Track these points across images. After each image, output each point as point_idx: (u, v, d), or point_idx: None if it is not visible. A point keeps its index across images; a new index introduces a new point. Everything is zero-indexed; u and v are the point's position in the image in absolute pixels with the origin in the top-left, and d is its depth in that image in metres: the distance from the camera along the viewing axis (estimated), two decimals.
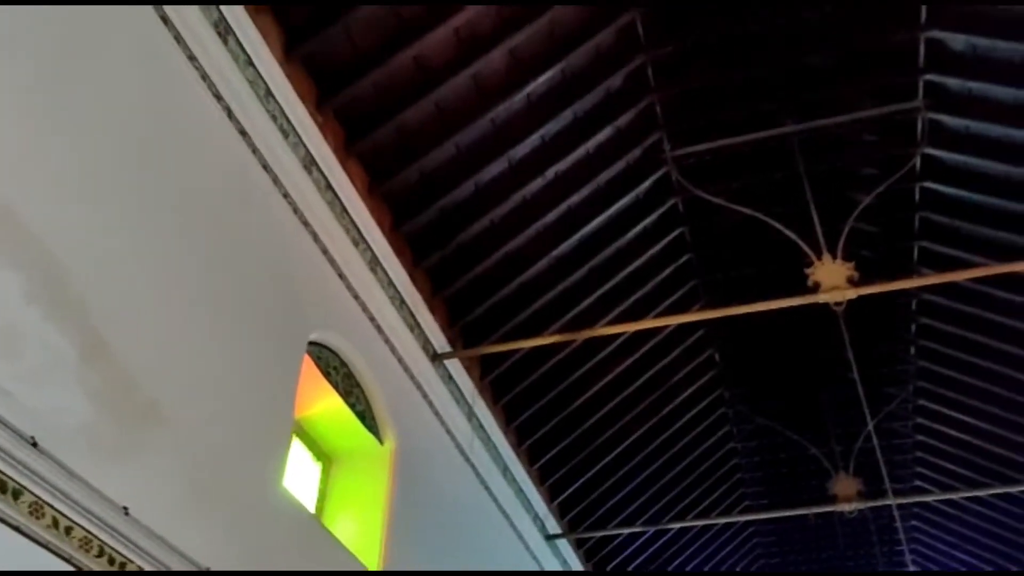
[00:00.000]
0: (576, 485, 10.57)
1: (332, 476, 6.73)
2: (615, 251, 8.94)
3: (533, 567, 9.99)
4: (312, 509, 6.41)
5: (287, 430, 5.45)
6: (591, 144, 7.92)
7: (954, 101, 7.63)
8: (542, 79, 7.10)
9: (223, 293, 4.99)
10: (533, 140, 7.51)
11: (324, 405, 6.40)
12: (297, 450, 6.41)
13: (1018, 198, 7.96)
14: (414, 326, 7.36)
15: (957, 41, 7.17)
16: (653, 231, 9.18)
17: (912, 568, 14.45)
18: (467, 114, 6.99)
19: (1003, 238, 8.37)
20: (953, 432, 11.37)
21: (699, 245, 9.57)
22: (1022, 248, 8.22)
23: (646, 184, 8.65)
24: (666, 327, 10.04)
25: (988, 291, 9.03)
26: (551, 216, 8.13)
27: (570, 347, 9.23)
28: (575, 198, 8.18)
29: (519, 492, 9.42)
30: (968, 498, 12.09)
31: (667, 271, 9.63)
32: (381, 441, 6.78)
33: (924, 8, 6.99)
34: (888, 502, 9.35)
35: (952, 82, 7.48)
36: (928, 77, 7.48)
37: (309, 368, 6.04)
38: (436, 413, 7.75)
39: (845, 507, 8.82)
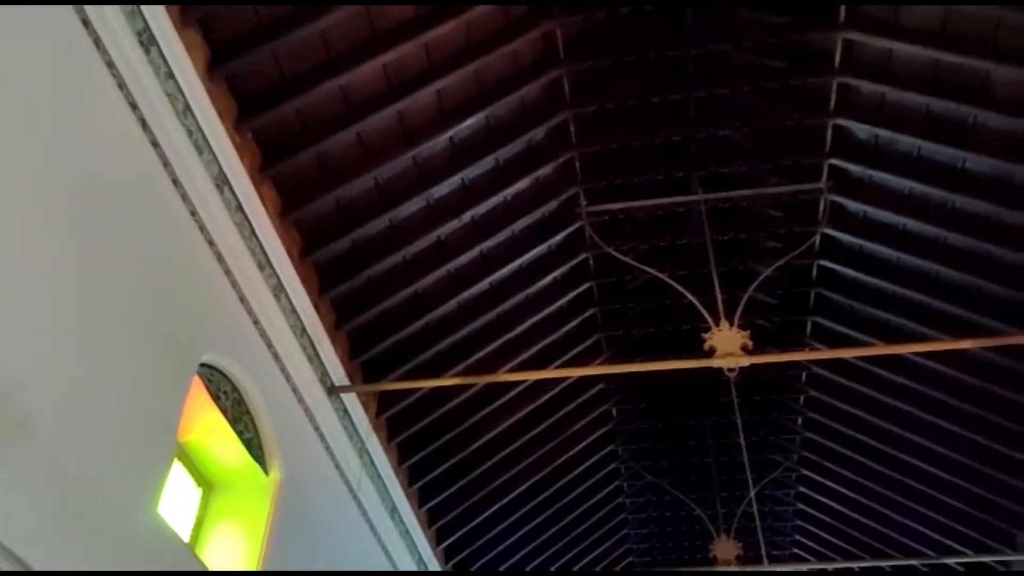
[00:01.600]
0: (464, 530, 10.48)
1: (212, 503, 6.51)
2: (524, 299, 9.02)
3: None
4: (187, 537, 6.18)
5: (168, 453, 5.26)
6: (510, 192, 8.01)
7: (855, 186, 8.03)
8: (467, 124, 7.19)
9: (113, 304, 4.82)
10: (453, 182, 7.56)
11: (210, 430, 6.20)
12: (178, 474, 6.19)
13: (907, 284, 8.38)
14: (313, 357, 7.25)
15: (862, 130, 7.58)
16: (562, 283, 9.30)
17: None
18: (389, 150, 7.00)
19: (891, 321, 8.79)
20: (832, 504, 11.74)
21: (605, 300, 9.74)
22: (908, 332, 8.64)
23: (559, 237, 8.78)
24: (567, 378, 10.14)
25: (874, 370, 9.43)
26: (464, 259, 8.17)
27: (471, 391, 9.22)
28: (489, 243, 8.24)
29: (405, 533, 9.29)
30: (840, 570, 12.46)
31: (572, 323, 9.75)
32: (267, 471, 6.61)
33: (833, 96, 7.37)
34: (764, 568, 9.58)
35: (854, 168, 7.88)
36: (833, 161, 7.87)
37: (198, 390, 5.87)
38: (327, 447, 7.61)
39: (724, 570, 8.99)
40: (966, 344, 7.46)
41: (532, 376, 9.31)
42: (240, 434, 6.31)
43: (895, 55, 6.87)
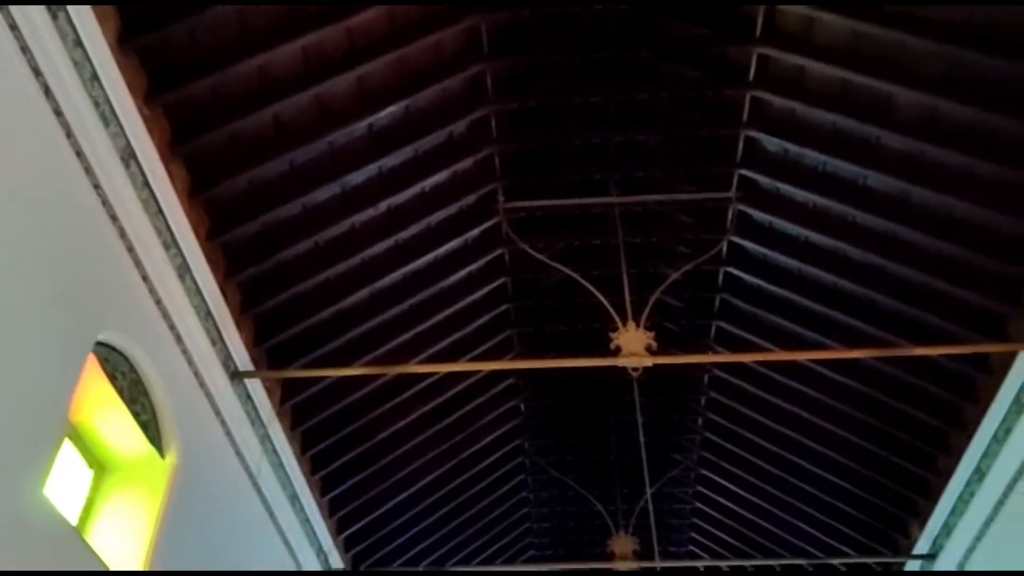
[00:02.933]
0: (366, 520, 10.43)
1: (104, 486, 6.32)
2: (438, 291, 9.02)
3: None
4: (75, 520, 5.99)
5: (58, 432, 5.09)
6: (428, 183, 8.00)
7: (762, 197, 8.28)
8: (386, 112, 7.15)
9: (4, 276, 4.64)
10: (370, 170, 7.51)
11: (105, 410, 6.02)
12: (68, 454, 5.99)
13: (807, 294, 8.68)
14: (217, 340, 7.10)
15: (772, 143, 7.81)
16: (477, 277, 9.34)
17: None
18: (306, 133, 6.90)
19: (791, 328, 9.09)
20: (728, 503, 12.10)
21: (519, 297, 9.83)
22: (807, 340, 8.96)
23: (476, 231, 8.81)
24: (477, 372, 10.18)
25: (773, 376, 9.76)
26: (378, 248, 8.12)
27: (379, 381, 9.18)
28: (405, 234, 8.21)
29: (305, 522, 9.18)
30: (733, 567, 12.86)
31: (485, 318, 9.80)
32: (163, 454, 6.45)
33: (747, 109, 7.58)
34: (662, 564, 9.82)
35: (763, 180, 8.12)
36: (743, 172, 8.10)
37: (94, 369, 5.69)
38: (228, 432, 7.46)
39: (620, 566, 9.18)
40: (858, 353, 7.79)
41: (442, 369, 9.34)
42: (136, 416, 6.15)
43: (807, 72, 7.11)
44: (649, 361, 6.80)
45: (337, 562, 10.16)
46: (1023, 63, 6.02)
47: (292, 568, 9.16)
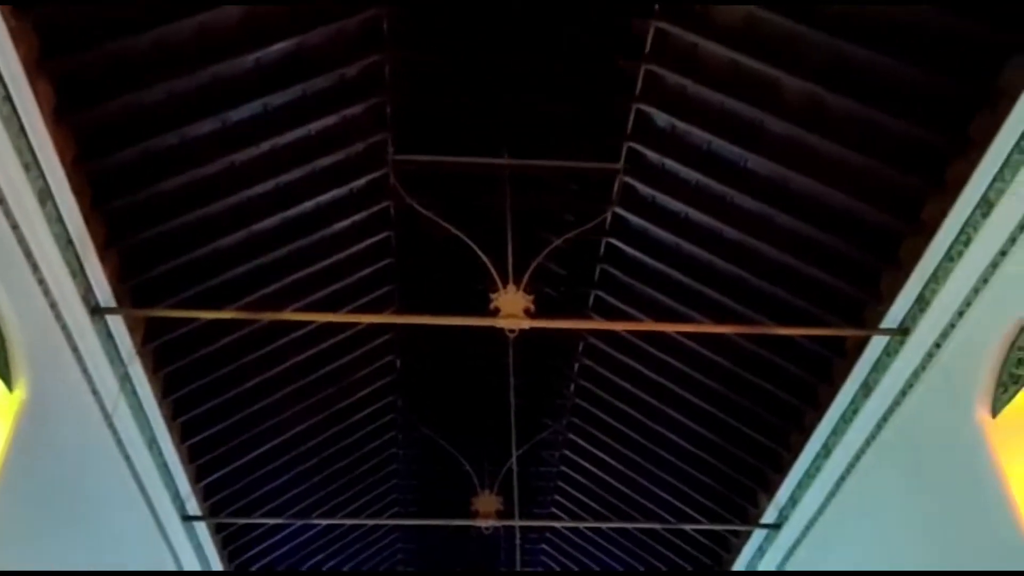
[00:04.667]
0: (228, 468, 10.18)
1: None
2: (318, 239, 8.79)
3: (163, 547, 9.46)
4: None
5: None
6: (315, 126, 7.75)
7: (648, 171, 8.42)
8: (276, 48, 6.86)
9: None
10: (254, 107, 7.21)
11: None
12: None
13: (684, 270, 8.90)
14: (78, 272, 6.72)
15: (661, 119, 7.93)
16: (361, 228, 9.15)
17: None
18: (188, 61, 6.55)
19: (666, 302, 9.31)
20: (593, 468, 12.41)
21: (402, 252, 9.70)
22: (680, 314, 9.18)
23: (363, 181, 8.62)
24: (355, 325, 10.03)
25: (644, 347, 10.00)
26: (258, 189, 7.84)
27: (251, 327, 8.92)
28: (287, 176, 7.95)
29: (163, 467, 8.88)
30: (592, 528, 13.25)
31: (366, 271, 9.64)
32: (10, 388, 6.09)
33: (640, 81, 7.66)
34: (520, 523, 10.00)
35: (650, 154, 8.25)
36: (632, 144, 8.20)
37: None
38: (84, 370, 7.11)
39: (482, 523, 9.30)
40: (724, 329, 8.10)
41: (318, 318, 9.15)
42: None
43: (700, 51, 7.23)
44: (526, 324, 6.85)
45: (195, 509, 9.89)
46: (909, 64, 6.29)
47: (146, 514, 8.87)
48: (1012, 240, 6.17)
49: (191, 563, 10.25)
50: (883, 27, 6.27)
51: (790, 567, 9.97)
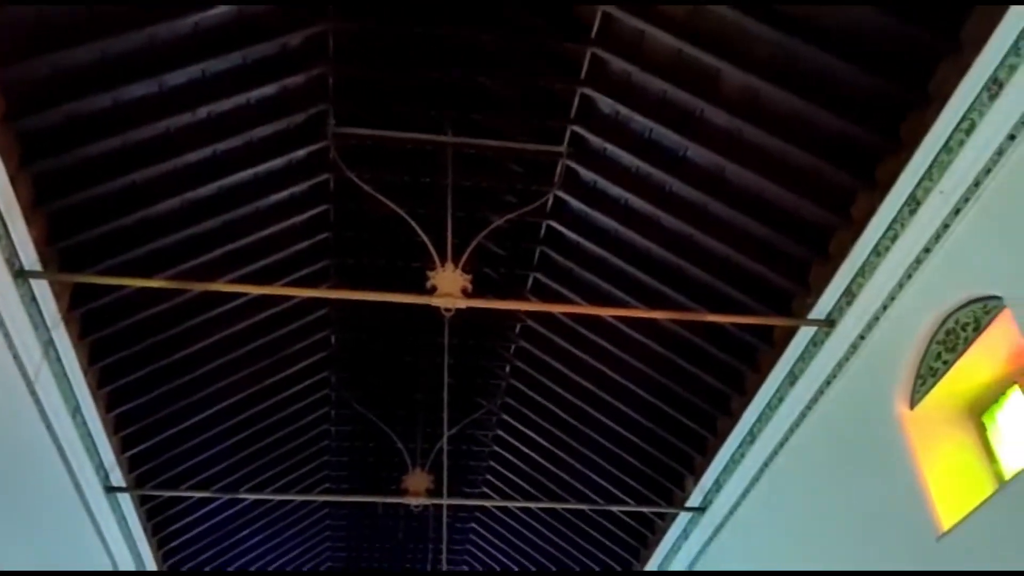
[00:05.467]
0: (155, 440, 9.99)
1: None
2: (255, 210, 8.65)
3: (85, 518, 9.25)
4: None
5: None
6: (254, 95, 7.62)
7: (591, 156, 8.48)
8: (215, 11, 6.71)
9: None
10: (192, 71, 7.06)
11: None
12: None
13: (622, 256, 9.00)
14: (2, 234, 6.50)
15: (605, 104, 7.98)
16: (299, 201, 9.03)
17: (463, 568, 15.69)
18: (123, 21, 6.37)
19: (603, 287, 9.42)
20: (525, 449, 12.51)
21: (341, 226, 9.60)
22: (616, 299, 9.31)
23: (302, 152, 8.51)
24: (290, 299, 9.91)
25: (581, 331, 10.09)
26: (194, 156, 7.68)
27: (183, 296, 8.74)
28: (224, 144, 7.81)
29: (87, 436, 8.68)
30: (522, 508, 13.38)
31: (303, 244, 9.52)
32: None
33: (586, 65, 7.69)
34: (449, 501, 10.04)
35: (593, 139, 8.30)
36: (575, 128, 8.23)
37: None
38: (6, 334, 6.89)
39: (412, 501, 9.32)
40: (657, 314, 8.22)
41: (252, 290, 9.01)
42: None
43: (646, 38, 7.28)
44: (463, 303, 6.86)
45: (119, 480, 9.70)
46: (847, 63, 6.42)
47: (67, 484, 8.66)
48: (936, 238, 6.38)
49: (114, 535, 10.06)
50: (826, 26, 6.40)
51: (713, 550, 10.22)
